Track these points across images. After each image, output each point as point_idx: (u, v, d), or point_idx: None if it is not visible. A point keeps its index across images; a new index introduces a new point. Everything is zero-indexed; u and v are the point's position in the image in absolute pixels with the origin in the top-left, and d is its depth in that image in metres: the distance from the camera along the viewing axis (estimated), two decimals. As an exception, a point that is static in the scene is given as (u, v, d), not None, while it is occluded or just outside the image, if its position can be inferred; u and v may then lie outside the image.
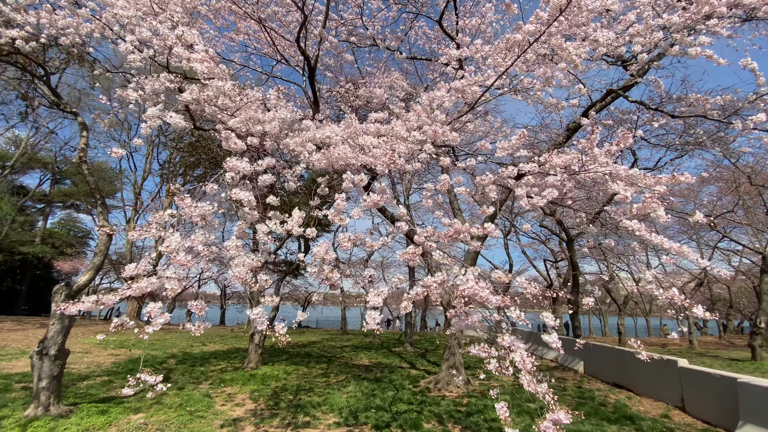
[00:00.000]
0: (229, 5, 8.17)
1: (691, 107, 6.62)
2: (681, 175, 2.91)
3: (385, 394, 8.45)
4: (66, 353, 6.60)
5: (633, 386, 9.46)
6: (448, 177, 3.44)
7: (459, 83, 4.01)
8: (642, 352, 3.06)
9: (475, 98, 4.58)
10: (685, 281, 24.88)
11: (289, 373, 10.78)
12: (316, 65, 8.41)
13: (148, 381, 2.33)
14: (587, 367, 12.26)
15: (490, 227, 2.93)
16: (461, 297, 2.50)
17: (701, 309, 2.68)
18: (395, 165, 3.38)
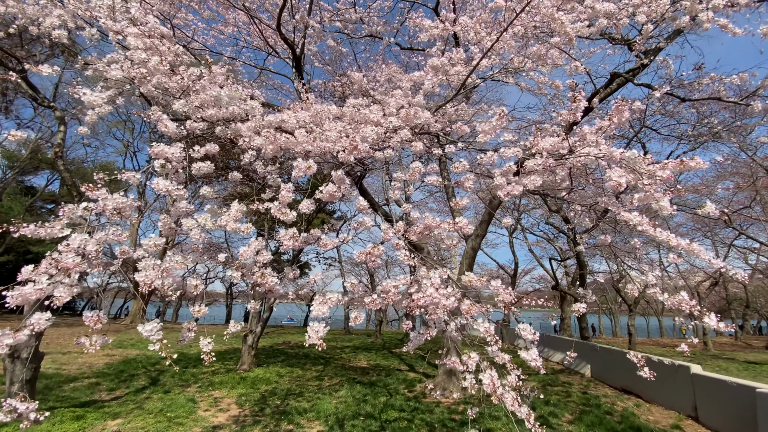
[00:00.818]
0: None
1: (704, 91, 6.06)
2: (691, 160, 2.44)
3: (377, 400, 8.05)
4: (40, 356, 6.34)
5: (642, 392, 8.92)
6: (420, 165, 3.01)
7: (437, 61, 3.57)
8: (644, 369, 2.60)
9: (460, 80, 4.15)
10: (699, 280, 23.96)
11: (282, 376, 10.45)
12: (303, 55, 8.03)
13: (18, 409, 1.95)
14: (594, 371, 11.71)
15: (461, 222, 2.50)
16: (416, 307, 2.08)
17: (714, 319, 2.22)
18: (357, 152, 2.96)
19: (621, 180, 2.12)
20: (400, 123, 3.56)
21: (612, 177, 2.13)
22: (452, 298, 2.14)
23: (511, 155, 2.78)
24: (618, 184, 2.12)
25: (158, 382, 9.39)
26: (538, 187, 2.43)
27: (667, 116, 9.69)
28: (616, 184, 2.13)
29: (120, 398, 7.81)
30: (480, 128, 3.07)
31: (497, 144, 3.35)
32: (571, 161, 2.58)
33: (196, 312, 2.31)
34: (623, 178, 2.12)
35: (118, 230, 2.20)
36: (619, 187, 2.13)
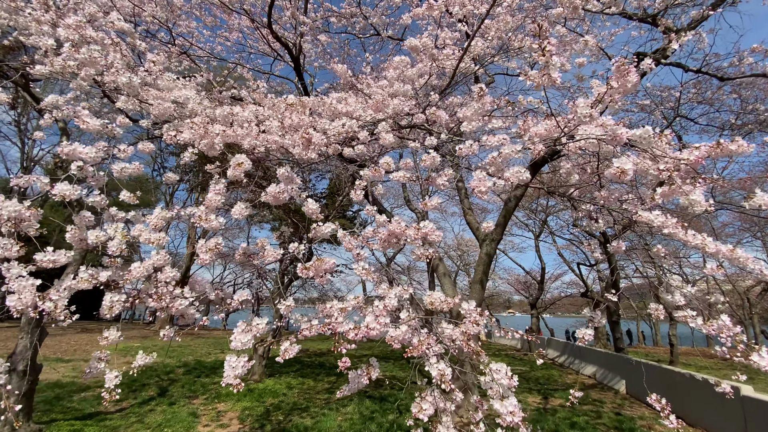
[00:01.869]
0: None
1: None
2: (731, 143, 1.84)
3: (384, 418, 7.53)
4: (38, 369, 6.28)
5: (685, 414, 7.91)
6: (390, 160, 2.54)
7: (416, 41, 3.09)
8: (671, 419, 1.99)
9: (453, 66, 3.65)
10: (750, 285, 21.82)
11: (291, 388, 10.12)
12: (300, 55, 7.74)
13: None
14: (630, 387, 10.66)
15: (427, 227, 2.00)
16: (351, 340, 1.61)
17: (765, 355, 1.61)
18: (314, 147, 2.53)
19: (626, 166, 1.56)
20: (377, 115, 3.11)
21: (613, 164, 1.57)
22: (403, 329, 1.65)
23: (495, 144, 2.26)
24: (621, 172, 1.57)
25: (167, 392, 9.28)
26: (530, 182, 1.90)
27: (705, 104, 8.70)
28: (617, 172, 1.57)
29: (124, 410, 7.70)
30: (461, 114, 2.56)
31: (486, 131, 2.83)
32: (567, 147, 2.03)
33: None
34: (629, 164, 1.56)
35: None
36: (623, 175, 1.57)
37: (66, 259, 1.96)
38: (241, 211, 2.09)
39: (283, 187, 2.26)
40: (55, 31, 2.54)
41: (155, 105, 2.60)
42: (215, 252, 1.92)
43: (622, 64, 1.52)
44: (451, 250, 33.05)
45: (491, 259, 9.23)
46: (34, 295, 1.65)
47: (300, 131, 2.45)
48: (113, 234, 1.92)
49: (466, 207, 9.22)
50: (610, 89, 1.56)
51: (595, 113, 1.61)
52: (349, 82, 4.43)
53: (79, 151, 2.12)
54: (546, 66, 1.48)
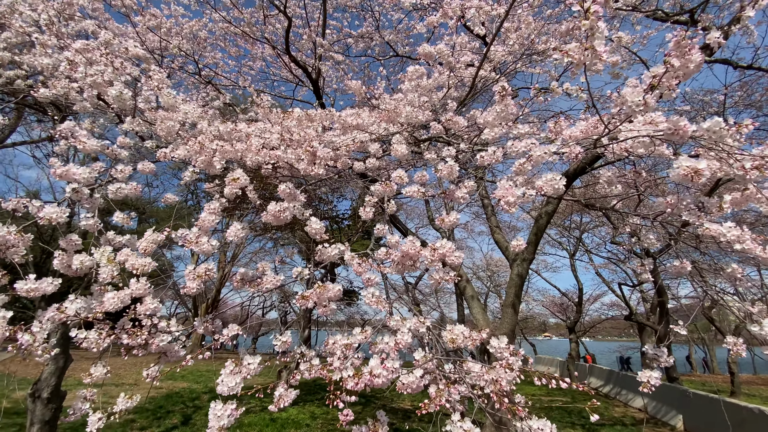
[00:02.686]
0: (225, 27, 7.93)
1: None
2: None
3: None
4: (61, 396, 6.26)
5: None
6: (403, 173, 2.29)
7: (429, 47, 2.89)
8: None
9: (472, 75, 3.42)
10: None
11: (315, 418, 9.71)
12: (319, 77, 7.78)
13: None
14: (688, 423, 9.51)
15: (444, 247, 1.71)
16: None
17: None
18: (321, 162, 2.33)
19: (700, 165, 1.21)
20: (390, 127, 2.90)
21: (681, 164, 1.24)
22: (417, 374, 1.34)
23: (523, 149, 1.96)
24: (693, 172, 1.22)
25: (190, 420, 9.12)
26: (563, 195, 1.59)
27: (752, 107, 7.99)
28: (687, 173, 1.23)
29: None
30: (482, 120, 2.29)
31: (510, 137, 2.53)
32: (611, 149, 1.71)
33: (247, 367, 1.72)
34: (703, 162, 1.22)
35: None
36: (697, 176, 1.23)
37: (52, 287, 1.81)
38: (236, 232, 1.88)
39: (284, 205, 2.05)
40: (62, 53, 2.53)
41: (159, 123, 2.50)
42: (204, 279, 1.71)
43: (682, 38, 1.21)
44: (480, 270, 31.97)
45: (523, 280, 8.66)
46: (4, 329, 1.48)
47: (304, 145, 2.26)
48: (99, 259, 1.76)
49: (493, 225, 8.78)
50: (671, 69, 1.24)
51: (651, 100, 1.29)
52: (365, 98, 4.27)
53: (72, 173, 2.00)
54: (591, 35, 1.18)
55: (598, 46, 1.24)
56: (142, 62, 3.86)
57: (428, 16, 3.36)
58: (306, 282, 2.09)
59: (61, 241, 1.83)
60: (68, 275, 1.98)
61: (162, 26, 7.08)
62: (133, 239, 2.07)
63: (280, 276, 1.95)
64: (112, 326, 1.61)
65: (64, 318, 1.52)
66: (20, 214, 2.03)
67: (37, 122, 7.45)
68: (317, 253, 2.08)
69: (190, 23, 7.72)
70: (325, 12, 6.89)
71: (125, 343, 1.57)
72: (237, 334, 1.98)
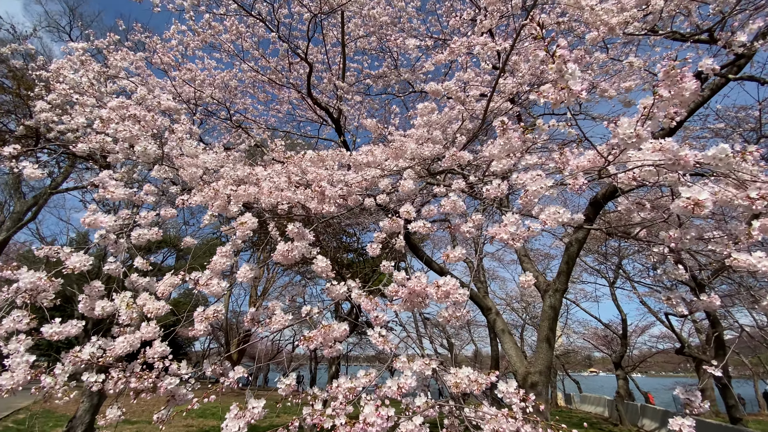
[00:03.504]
0: (254, 76, 8.51)
1: None
2: None
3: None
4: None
5: None
6: (411, 208, 2.31)
7: (436, 85, 2.98)
8: None
9: (483, 107, 3.47)
10: None
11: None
12: (341, 117, 8.11)
13: None
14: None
15: (448, 284, 1.67)
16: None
17: None
18: (330, 201, 2.39)
19: (701, 197, 1.15)
20: (400, 163, 2.96)
21: (682, 193, 1.17)
22: (417, 422, 1.28)
23: (528, 182, 1.93)
24: (694, 204, 1.15)
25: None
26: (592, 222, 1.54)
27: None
28: (688, 205, 1.16)
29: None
30: (487, 152, 2.29)
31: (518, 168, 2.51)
32: (617, 179, 1.65)
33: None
34: (705, 193, 1.15)
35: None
36: (698, 209, 1.16)
37: (76, 330, 1.91)
38: (245, 273, 1.94)
39: (292, 244, 2.10)
40: (99, 111, 2.81)
41: (183, 171, 2.68)
42: (212, 321, 1.75)
43: (671, 68, 1.18)
44: (514, 301, 30.61)
45: (557, 312, 8.20)
46: (26, 373, 1.57)
47: (313, 185, 2.34)
48: (119, 304, 1.85)
49: (521, 254, 8.49)
50: (660, 100, 1.20)
51: (643, 133, 1.25)
52: (381, 135, 4.40)
53: (100, 221, 2.16)
54: (560, 76, 1.19)
55: (573, 86, 1.24)
56: (173, 113, 4.19)
57: (436, 55, 3.48)
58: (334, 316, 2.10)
59: (86, 288, 1.95)
60: (93, 318, 2.09)
61: (196, 78, 7.73)
62: (152, 281, 2.17)
63: (288, 315, 1.97)
64: (124, 369, 1.67)
65: (81, 362, 1.59)
66: (54, 259, 2.19)
67: (86, 170, 8.14)
68: (326, 290, 2.09)
69: (221, 74, 8.36)
70: (344, 57, 7.28)
71: (133, 387, 1.62)
72: (253, 373, 1.98)
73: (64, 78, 3.19)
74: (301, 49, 6.78)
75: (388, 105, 12.38)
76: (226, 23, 6.70)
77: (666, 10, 3.12)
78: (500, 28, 7.00)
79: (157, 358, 1.74)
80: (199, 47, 7.50)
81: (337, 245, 13.69)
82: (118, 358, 1.72)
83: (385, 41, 9.00)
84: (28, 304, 1.92)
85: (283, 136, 11.04)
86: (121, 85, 4.31)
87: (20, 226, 11.33)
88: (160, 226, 2.54)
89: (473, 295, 7.77)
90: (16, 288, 1.87)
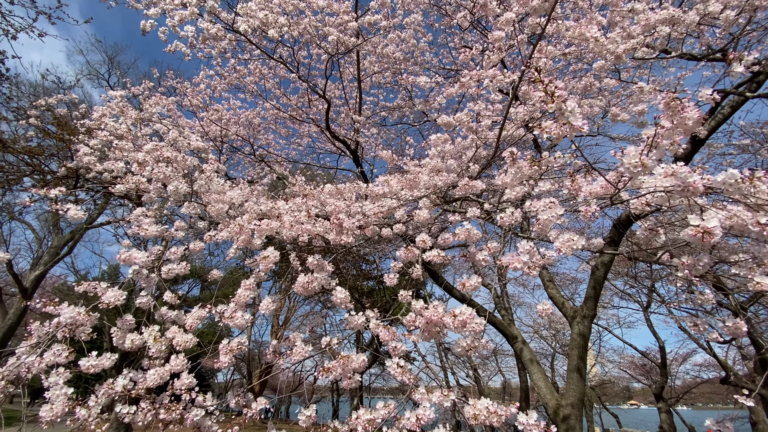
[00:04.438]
0: (276, 113, 8.95)
1: None
2: None
3: None
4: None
5: None
6: (426, 237, 2.36)
7: (447, 118, 3.09)
8: None
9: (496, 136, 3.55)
10: None
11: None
12: (358, 147, 8.37)
13: None
14: None
15: (465, 314, 1.69)
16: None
17: None
18: (348, 232, 2.48)
19: (710, 224, 1.15)
20: (415, 192, 3.04)
21: (690, 221, 1.18)
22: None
23: (540, 210, 1.96)
24: (703, 232, 1.16)
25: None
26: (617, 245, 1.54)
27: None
28: (697, 233, 1.16)
29: None
30: (500, 180, 2.34)
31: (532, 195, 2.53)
32: (633, 204, 1.66)
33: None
34: (714, 220, 1.15)
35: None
36: (708, 237, 1.16)
37: (110, 362, 2.01)
38: (267, 305, 2.01)
39: (312, 276, 2.17)
40: (136, 155, 3.05)
41: (210, 207, 2.84)
42: (237, 352, 1.82)
43: (671, 99, 1.23)
44: (542, 328, 29.33)
45: (586, 339, 7.85)
46: (65, 405, 1.66)
47: (332, 217, 2.43)
48: (148, 337, 1.95)
49: (545, 279, 8.27)
50: (663, 130, 1.24)
51: (649, 162, 1.28)
52: (396, 165, 4.52)
53: (134, 257, 2.31)
54: (561, 114, 1.25)
55: (574, 122, 1.29)
56: (201, 152, 4.46)
57: (447, 89, 3.61)
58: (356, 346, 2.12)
59: (118, 321, 2.07)
60: (124, 350, 2.19)
61: (222, 118, 8.21)
62: (181, 314, 2.27)
63: (309, 346, 2.01)
64: (153, 401, 1.74)
65: (114, 394, 1.67)
66: (91, 294, 2.33)
67: (119, 206, 8.61)
68: (344, 321, 2.13)
69: (246, 113, 8.84)
70: (360, 92, 7.61)
71: (162, 418, 1.68)
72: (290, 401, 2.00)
73: (106, 125, 3.51)
74: (319, 87, 7.14)
75: (404, 134, 12.64)
76: (250, 67, 7.17)
77: (674, 35, 3.17)
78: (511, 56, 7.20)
79: (185, 390, 1.81)
80: (225, 89, 8.01)
81: (356, 273, 13.72)
82: (148, 390, 1.80)
83: (399, 76, 9.36)
84: (68, 338, 2.05)
85: (304, 168, 11.44)
86: (155, 129, 4.65)
87: (57, 260, 11.96)
88: (188, 259, 2.67)
89: (497, 322, 7.57)
90: (56, 322, 2.00)
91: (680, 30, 3.13)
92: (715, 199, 1.98)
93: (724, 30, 3.14)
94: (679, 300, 16.94)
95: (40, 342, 2.04)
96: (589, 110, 3.92)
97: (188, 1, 3.63)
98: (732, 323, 1.68)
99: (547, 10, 2.35)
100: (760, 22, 3.63)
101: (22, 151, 6.81)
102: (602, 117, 5.23)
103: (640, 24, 2.96)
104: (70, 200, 7.36)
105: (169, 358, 2.04)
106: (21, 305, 10.51)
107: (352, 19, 5.03)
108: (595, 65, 2.92)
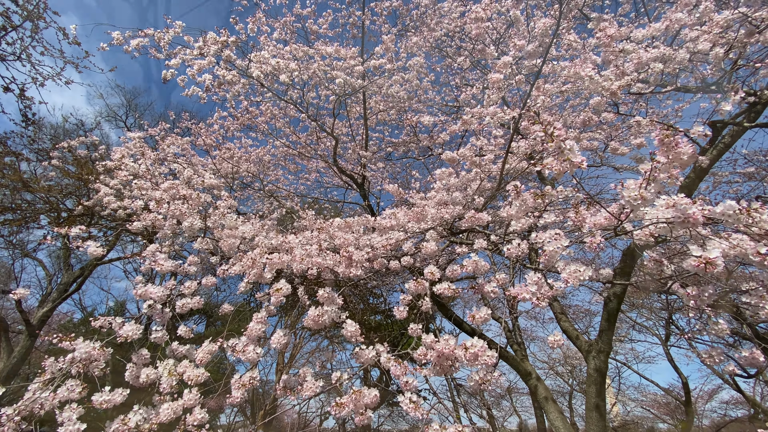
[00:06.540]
0: (285, 150, 9.25)
1: None
2: None
3: None
4: None
5: None
6: (435, 270, 2.39)
7: (450, 153, 3.20)
8: None
9: (499, 169, 3.65)
10: None
11: None
12: (364, 182, 8.55)
13: None
14: None
15: (476, 347, 1.69)
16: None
17: None
18: (357, 265, 2.52)
19: (712, 255, 1.18)
20: (421, 225, 3.10)
21: (692, 252, 1.22)
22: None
23: (545, 241, 2.00)
24: (705, 263, 1.19)
25: None
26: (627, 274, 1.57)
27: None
28: (699, 264, 1.19)
29: None
30: (506, 213, 2.40)
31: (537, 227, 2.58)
32: (636, 235, 1.70)
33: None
34: (716, 251, 1.19)
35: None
36: (710, 267, 1.18)
37: (121, 398, 2.02)
38: (278, 339, 2.03)
39: (323, 309, 2.20)
40: (154, 193, 3.18)
41: (223, 242, 2.92)
42: (249, 387, 1.82)
43: (665, 136, 1.30)
44: (558, 364, 28.12)
45: (604, 375, 7.54)
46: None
47: (341, 250, 2.49)
48: (162, 371, 1.96)
49: (557, 311, 8.09)
50: (658, 165, 1.31)
51: (647, 195, 1.33)
52: (402, 198, 4.62)
53: (150, 292, 2.36)
54: (560, 152, 1.33)
55: (573, 159, 1.37)
56: (214, 189, 4.61)
57: (450, 126, 3.76)
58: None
59: (133, 356, 2.09)
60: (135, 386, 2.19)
61: (234, 156, 8.52)
62: (192, 349, 2.29)
63: (320, 382, 2.00)
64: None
65: (126, 430, 1.67)
66: (105, 329, 2.37)
67: (130, 242, 8.75)
68: (354, 355, 2.13)
69: (257, 150, 9.17)
70: (366, 130, 7.89)
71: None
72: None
73: (125, 166, 3.69)
74: (327, 125, 7.43)
75: (409, 168, 12.90)
76: (262, 108, 7.51)
77: (667, 71, 3.31)
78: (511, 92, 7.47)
79: (196, 426, 1.80)
80: (237, 129, 8.35)
81: (363, 307, 13.54)
82: (160, 425, 1.79)
83: (404, 113, 9.70)
84: (82, 374, 2.07)
85: (312, 201, 11.65)
86: (171, 168, 4.85)
87: (66, 296, 12.00)
88: (201, 293, 2.72)
89: (510, 357, 7.35)
90: (71, 358, 2.03)
91: (672, 66, 3.28)
92: (721, 228, 2.01)
93: (714, 66, 3.28)
94: (692, 331, 16.30)
95: (54, 377, 2.06)
96: (589, 144, 4.04)
97: (206, 51, 3.91)
98: (749, 353, 1.65)
99: (542, 54, 2.50)
100: (751, 57, 3.79)
101: (41, 190, 7.08)
102: (603, 150, 5.34)
103: (633, 62, 3.11)
104: (84, 237, 7.49)
105: (180, 394, 2.04)
106: (26, 343, 10.46)
107: (358, 63, 5.33)
108: (591, 101, 3.05)
